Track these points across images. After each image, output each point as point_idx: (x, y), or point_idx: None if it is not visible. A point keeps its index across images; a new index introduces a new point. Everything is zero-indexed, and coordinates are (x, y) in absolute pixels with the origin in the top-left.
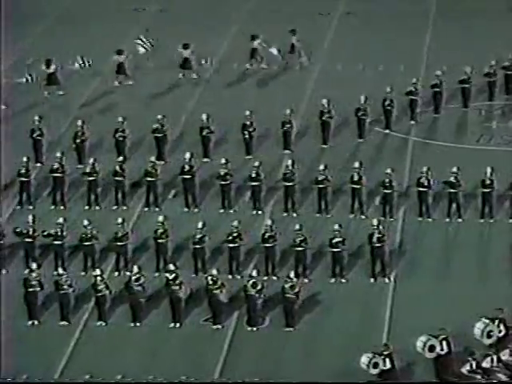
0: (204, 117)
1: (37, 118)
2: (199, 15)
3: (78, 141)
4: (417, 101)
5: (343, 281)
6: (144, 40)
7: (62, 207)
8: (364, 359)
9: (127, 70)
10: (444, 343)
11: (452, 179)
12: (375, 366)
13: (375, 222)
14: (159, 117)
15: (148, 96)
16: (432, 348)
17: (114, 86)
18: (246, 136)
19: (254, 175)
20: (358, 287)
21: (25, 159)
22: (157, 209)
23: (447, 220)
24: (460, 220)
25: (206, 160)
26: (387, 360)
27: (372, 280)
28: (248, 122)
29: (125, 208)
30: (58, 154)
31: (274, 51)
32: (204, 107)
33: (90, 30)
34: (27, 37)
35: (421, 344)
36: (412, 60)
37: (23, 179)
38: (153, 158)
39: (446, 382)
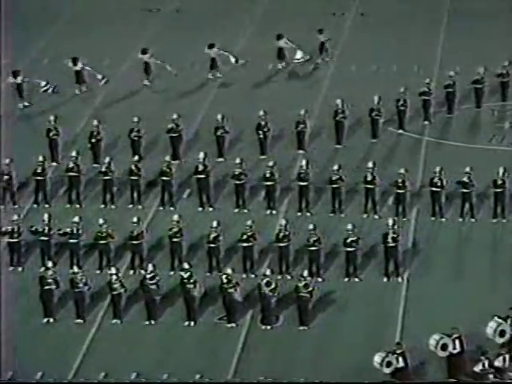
0: (219, 117)
1: (52, 117)
2: (214, 15)
3: (93, 140)
4: (430, 101)
5: (357, 280)
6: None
7: (77, 206)
8: (377, 358)
9: (152, 69)
10: (457, 342)
11: (465, 179)
12: (388, 364)
13: (390, 221)
14: (174, 116)
15: (165, 96)
16: (444, 347)
17: (143, 84)
18: (261, 136)
19: (268, 175)
20: (371, 286)
21: (41, 158)
22: (172, 208)
23: (460, 220)
24: (473, 220)
25: (220, 160)
26: (400, 359)
27: (385, 279)
28: (262, 122)
29: (140, 207)
30: (74, 154)
31: (299, 55)
32: (219, 107)
33: (105, 31)
34: (42, 38)
35: (433, 342)
36: (425, 60)
37: (39, 178)
38: (168, 158)
39: (459, 382)
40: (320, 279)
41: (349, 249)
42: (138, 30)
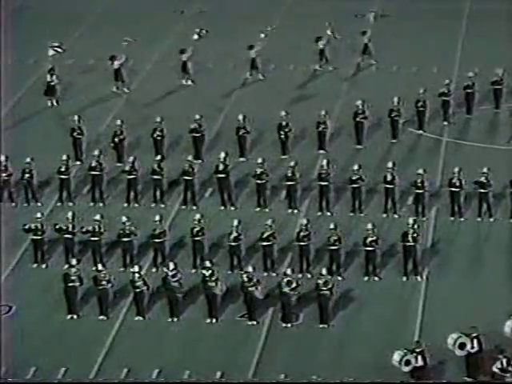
0: (240, 117)
1: (76, 117)
2: (237, 17)
3: (116, 140)
4: (449, 102)
5: (376, 279)
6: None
7: (101, 204)
8: (396, 356)
9: (190, 69)
10: (475, 341)
11: (482, 179)
12: (407, 363)
13: (411, 220)
14: (197, 117)
15: (188, 96)
16: (462, 346)
17: (181, 84)
18: (282, 136)
19: (289, 175)
20: (390, 285)
21: (64, 157)
22: (194, 207)
23: (479, 219)
24: (491, 219)
25: (242, 159)
26: (419, 357)
27: (404, 278)
28: (284, 123)
29: (163, 206)
30: (96, 153)
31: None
32: (241, 107)
33: (129, 32)
34: (68, 37)
35: (451, 341)
36: (445, 62)
37: (63, 177)
38: (190, 157)
39: (477, 382)
40: (340, 278)
41: (368, 248)
42: (163, 31)
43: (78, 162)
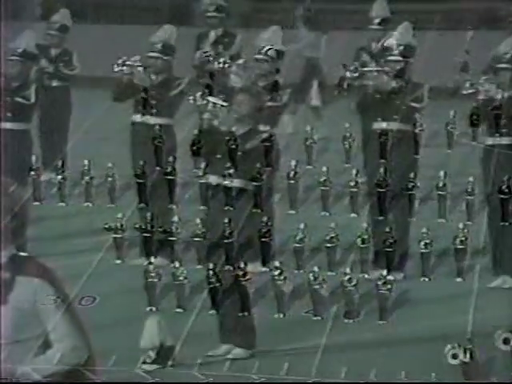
0: (308, 128)
1: (157, 126)
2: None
3: (194, 148)
4: (501, 115)
5: (429, 279)
6: None
7: (174, 206)
8: (450, 351)
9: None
10: None
11: None
12: (454, 356)
13: (461, 225)
14: (267, 128)
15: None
16: (506, 341)
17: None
18: (346, 146)
19: (352, 182)
20: (443, 285)
21: (141, 162)
22: (259, 210)
23: None
24: None
25: (309, 167)
26: (468, 352)
27: (456, 279)
28: (348, 134)
29: (231, 209)
30: (170, 159)
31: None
32: (308, 119)
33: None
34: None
35: (497, 336)
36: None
37: (140, 181)
38: (258, 165)
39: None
40: (393, 278)
41: (422, 250)
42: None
43: (158, 168)
